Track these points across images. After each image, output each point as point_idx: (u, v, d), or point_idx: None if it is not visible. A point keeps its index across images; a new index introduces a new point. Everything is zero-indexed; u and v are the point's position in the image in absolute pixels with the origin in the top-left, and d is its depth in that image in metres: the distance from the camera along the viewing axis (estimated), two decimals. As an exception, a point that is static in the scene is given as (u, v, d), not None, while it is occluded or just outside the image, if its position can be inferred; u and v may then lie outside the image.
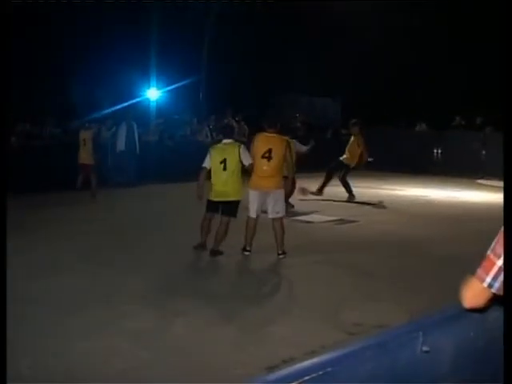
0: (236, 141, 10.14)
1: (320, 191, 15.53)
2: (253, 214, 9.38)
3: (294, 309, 7.17)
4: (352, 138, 15.88)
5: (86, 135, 15.80)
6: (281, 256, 9.33)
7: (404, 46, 26.83)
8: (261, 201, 9.37)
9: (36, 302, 7.04)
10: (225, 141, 9.72)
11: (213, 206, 9.59)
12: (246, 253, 9.42)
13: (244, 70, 26.77)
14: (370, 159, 16.00)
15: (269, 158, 9.27)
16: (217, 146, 9.89)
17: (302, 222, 12.31)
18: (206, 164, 9.53)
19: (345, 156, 15.73)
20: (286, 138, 10.04)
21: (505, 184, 2.62)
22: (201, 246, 9.68)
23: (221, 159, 9.40)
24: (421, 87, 27.95)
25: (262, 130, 9.80)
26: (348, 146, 15.86)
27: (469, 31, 25.66)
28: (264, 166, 9.29)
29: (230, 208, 9.45)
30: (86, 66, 23.73)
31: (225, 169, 9.37)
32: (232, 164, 9.37)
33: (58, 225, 12.07)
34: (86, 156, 15.58)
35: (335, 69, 26.89)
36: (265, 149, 9.30)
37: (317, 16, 26.16)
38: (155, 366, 5.35)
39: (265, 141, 9.43)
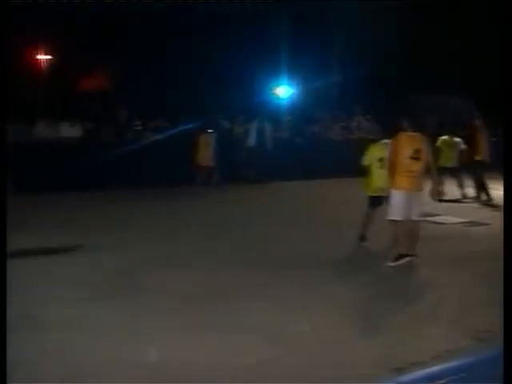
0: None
1: (490, 198, 15.44)
2: (400, 217, 9.03)
3: (420, 312, 7.08)
4: (477, 131, 15.61)
5: (207, 138, 16.15)
6: (410, 258, 9.17)
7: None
8: (408, 202, 9.02)
9: (158, 295, 7.32)
10: (384, 140, 10.12)
11: (374, 201, 10.21)
12: (408, 258, 9.00)
13: (376, 68, 26.46)
14: None
15: (417, 159, 8.99)
16: (377, 143, 10.44)
17: (432, 223, 12.09)
18: (366, 161, 10.31)
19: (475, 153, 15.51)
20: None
21: (505, 184, 2.56)
22: (361, 238, 10.31)
23: (379, 157, 10.00)
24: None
25: (400, 129, 9.39)
26: (477, 141, 15.57)
27: None
28: (413, 167, 8.97)
29: None
30: (219, 65, 24.21)
31: (383, 167, 9.79)
32: None
33: (183, 217, 12.67)
34: (206, 158, 15.91)
35: (466, 66, 26.16)
36: (413, 149, 9.00)
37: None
38: (280, 362, 5.41)
39: (411, 141, 9.10)
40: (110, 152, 16.39)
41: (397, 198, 9.04)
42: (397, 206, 9.02)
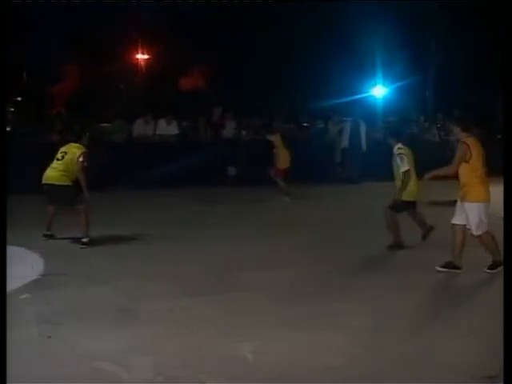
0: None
1: None
2: (485, 229, 8.38)
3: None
4: None
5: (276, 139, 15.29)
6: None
7: None
8: (487, 212, 8.42)
9: (251, 291, 7.41)
10: (400, 145, 10.06)
11: (404, 206, 9.97)
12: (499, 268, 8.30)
13: (472, 68, 25.82)
14: None
15: (483, 165, 8.43)
16: (406, 148, 10.07)
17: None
18: (407, 166, 9.83)
19: None
20: None
21: (505, 184, 2.42)
22: (396, 245, 9.85)
23: (413, 161, 9.90)
24: None
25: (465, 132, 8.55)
26: None
27: None
28: (484, 175, 8.44)
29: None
30: (312, 64, 24.21)
31: (414, 172, 9.86)
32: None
33: (272, 217, 12.76)
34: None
35: None
36: (481, 155, 8.42)
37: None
38: (366, 364, 5.35)
39: (479, 146, 8.45)
40: (204, 150, 16.67)
41: (479, 211, 8.38)
42: (481, 220, 8.38)
